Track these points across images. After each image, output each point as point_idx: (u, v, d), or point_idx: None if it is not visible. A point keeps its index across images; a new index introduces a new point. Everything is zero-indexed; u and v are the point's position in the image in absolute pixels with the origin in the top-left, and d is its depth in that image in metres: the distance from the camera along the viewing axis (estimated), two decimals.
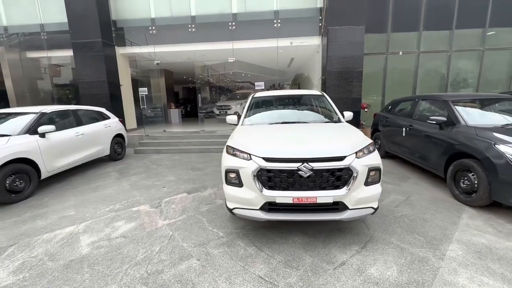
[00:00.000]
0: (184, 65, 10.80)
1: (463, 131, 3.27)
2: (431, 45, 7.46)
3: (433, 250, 2.24)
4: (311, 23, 7.65)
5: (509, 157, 2.59)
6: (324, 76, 7.58)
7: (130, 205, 3.47)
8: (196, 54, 8.54)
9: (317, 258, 2.17)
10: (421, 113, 4.32)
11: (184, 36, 7.88)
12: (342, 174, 2.18)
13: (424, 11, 7.28)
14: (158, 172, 5.14)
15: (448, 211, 2.99)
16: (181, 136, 7.74)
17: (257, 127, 3.12)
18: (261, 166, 2.21)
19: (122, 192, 3.99)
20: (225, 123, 4.87)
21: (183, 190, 3.99)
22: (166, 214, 3.15)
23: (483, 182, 2.86)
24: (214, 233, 2.65)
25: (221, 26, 7.72)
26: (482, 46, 7.38)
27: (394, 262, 2.10)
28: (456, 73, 7.61)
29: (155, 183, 4.43)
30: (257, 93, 4.10)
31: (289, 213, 2.28)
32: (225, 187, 2.49)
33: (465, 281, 1.86)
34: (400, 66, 7.67)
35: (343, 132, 2.71)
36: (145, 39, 7.99)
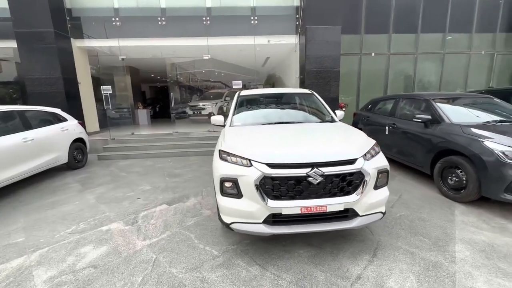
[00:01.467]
0: (152, 62, 9.98)
1: (448, 128, 3.35)
2: (400, 47, 7.87)
3: (442, 253, 2.17)
4: (288, 21, 7.55)
5: (498, 154, 2.67)
6: (302, 76, 7.53)
7: (98, 223, 2.91)
8: (166, 50, 7.90)
9: (329, 274, 1.95)
10: (403, 111, 4.41)
11: (153, 30, 7.21)
12: (353, 179, 1.99)
13: (393, 15, 7.64)
14: (130, 180, 4.53)
15: (441, 208, 3.02)
16: (153, 139, 7.06)
17: (250, 128, 2.81)
18: (265, 174, 1.92)
19: (87, 208, 3.37)
20: (199, 124, 4.46)
21: (162, 201, 3.51)
22: (145, 232, 2.68)
23: (472, 179, 2.92)
24: (207, 252, 2.29)
25: (195, 21, 7.23)
26: (443, 50, 7.99)
27: (410, 270, 1.97)
28: (422, 74, 8.14)
29: (127, 194, 3.86)
30: (243, 91, 3.79)
31: (296, 224, 2.03)
32: (220, 198, 2.15)
33: (484, 285, 1.79)
34: (372, 67, 7.96)
35: (345, 132, 2.54)
36: (108, 31, 7.13)
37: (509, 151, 2.63)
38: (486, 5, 7.75)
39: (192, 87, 13.99)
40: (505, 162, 2.62)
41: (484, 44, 8.04)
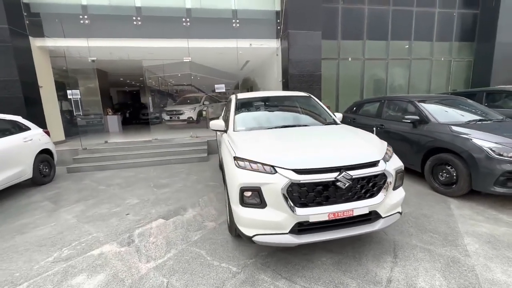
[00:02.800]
0: (125, 64, 9.31)
1: (436, 128, 3.58)
2: (373, 53, 8.38)
3: (455, 247, 2.26)
4: (269, 25, 7.59)
5: (487, 150, 2.89)
6: (284, 79, 7.60)
7: (86, 247, 2.52)
8: (142, 51, 7.40)
9: (360, 280, 1.90)
10: (390, 113, 4.64)
11: (127, 30, 6.70)
12: (377, 181, 1.98)
13: (366, 22, 8.12)
14: (112, 194, 4.07)
15: (438, 203, 3.18)
16: (130, 148, 6.52)
17: (259, 132, 2.68)
18: (292, 180, 1.81)
19: (68, 230, 2.92)
20: (177, 130, 4.16)
21: (157, 215, 3.19)
22: (146, 252, 2.38)
23: (463, 174, 3.13)
24: (225, 269, 2.09)
25: (174, 22, 6.89)
26: (410, 56, 8.70)
27: (433, 268, 2.00)
28: (393, 78, 8.76)
29: (112, 210, 3.45)
30: (240, 94, 3.65)
31: (322, 232, 1.94)
32: (239, 209, 1.98)
33: (503, 276, 1.88)
34: (349, 71, 8.35)
35: (359, 134, 2.54)
36: (75, 30, 6.46)
37: (496, 147, 2.87)
38: (443, 17, 8.64)
39: (167, 92, 13.36)
40: (493, 158, 2.85)
41: (443, 52, 8.94)
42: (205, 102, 11.22)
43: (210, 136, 7.23)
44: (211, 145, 6.75)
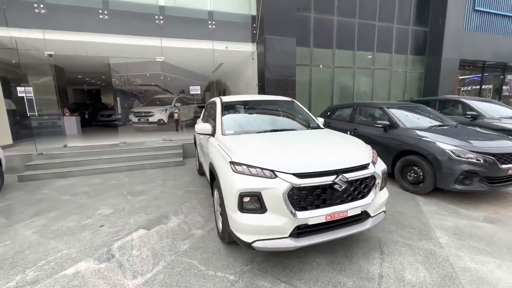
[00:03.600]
0: (85, 61, 8.50)
1: (404, 133, 3.94)
2: (342, 61, 8.94)
3: (430, 240, 2.50)
4: (245, 29, 7.62)
5: (449, 152, 3.28)
6: (260, 83, 7.69)
7: (57, 266, 2.22)
8: (109, 48, 6.83)
9: (355, 278, 1.99)
10: (362, 118, 4.98)
11: (92, 24, 6.14)
12: (368, 182, 2.10)
13: (336, 33, 8.64)
14: (79, 204, 3.66)
15: (408, 201, 3.50)
16: (95, 152, 5.94)
17: (250, 137, 2.65)
18: (294, 184, 1.83)
19: (29, 247, 2.54)
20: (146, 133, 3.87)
21: (136, 226, 2.96)
22: (131, 267, 2.18)
23: (429, 174, 3.50)
24: (222, 278, 2.02)
25: (146, 19, 6.51)
26: (373, 66, 9.48)
27: (416, 261, 2.19)
28: (359, 85, 9.44)
29: (82, 222, 3.10)
30: (225, 97, 3.58)
31: (319, 233, 2.00)
32: (238, 216, 1.94)
33: (471, 263, 2.14)
34: (321, 77, 8.77)
35: (347, 139, 2.67)
36: (28, 20, 5.70)
37: (456, 150, 3.27)
38: (400, 32, 9.61)
39: (131, 92, 12.48)
40: (454, 159, 3.24)
41: (400, 63, 9.92)
42: (176, 104, 10.78)
43: (185, 140, 6.96)
44: (186, 149, 6.49)
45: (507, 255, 2.26)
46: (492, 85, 13.42)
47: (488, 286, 1.88)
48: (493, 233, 2.63)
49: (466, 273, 2.01)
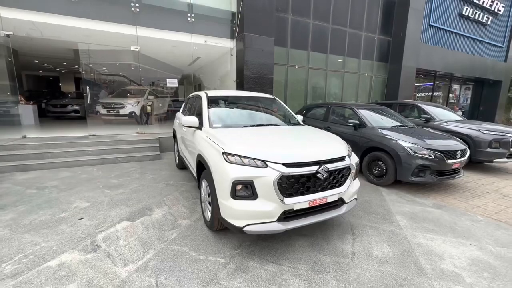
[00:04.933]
0: (46, 44, 7.75)
1: (371, 131, 4.41)
2: (316, 63, 9.43)
3: (391, 223, 2.91)
4: (224, 25, 7.64)
5: (407, 149, 3.78)
6: (239, 80, 7.79)
7: (37, 259, 2.14)
8: (77, 32, 6.34)
9: (332, 256, 2.27)
10: (334, 117, 5.40)
11: (59, 5, 5.66)
12: (345, 173, 2.40)
13: (311, 36, 9.08)
14: (50, 198, 3.45)
15: (373, 192, 3.95)
16: (61, 144, 5.52)
17: (239, 130, 2.80)
18: (283, 173, 2.04)
19: (1, 242, 2.38)
20: (117, 125, 3.70)
21: (119, 218, 2.92)
22: (120, 256, 2.20)
23: (391, 168, 3.99)
24: (213, 261, 2.15)
25: (120, 5, 6.18)
26: (343, 69, 10.16)
27: (381, 240, 2.55)
28: (330, 87, 10.05)
29: (58, 215, 2.96)
30: (210, 92, 3.65)
31: (303, 217, 2.23)
32: (230, 202, 2.09)
33: (423, 240, 2.57)
34: (296, 77, 9.16)
35: (324, 134, 2.95)
36: None
37: (413, 147, 3.79)
38: (367, 39, 10.43)
39: (94, 81, 11.61)
40: (411, 155, 3.75)
41: (366, 68, 10.78)
42: (150, 96, 10.36)
43: (160, 133, 6.80)
44: (163, 143, 6.36)
45: (450, 233, 2.75)
46: (442, 93, 15.25)
47: (436, 256, 2.29)
48: (440, 216, 3.14)
49: (420, 248, 2.43)
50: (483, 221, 3.04)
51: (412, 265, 2.16)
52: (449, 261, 2.24)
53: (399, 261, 2.22)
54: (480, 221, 3.04)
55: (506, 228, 2.87)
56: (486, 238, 2.66)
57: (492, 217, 3.16)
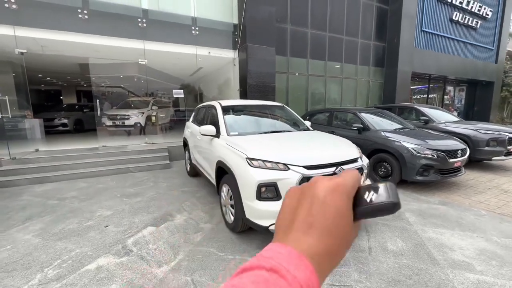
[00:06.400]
0: (55, 60, 7.98)
1: (375, 134, 4.63)
2: (315, 70, 9.75)
3: (402, 220, 3.09)
4: (227, 36, 7.94)
5: (411, 150, 3.99)
6: (242, 88, 8.04)
7: (75, 264, 2.28)
8: (87, 48, 6.57)
9: (351, 251, 2.43)
10: (338, 122, 5.63)
11: (70, 23, 5.90)
12: None
13: (310, 44, 9.42)
14: (73, 208, 3.59)
15: None
16: (73, 156, 5.67)
17: (257, 137, 2.99)
18: (304, 175, 2.22)
19: (36, 250, 2.52)
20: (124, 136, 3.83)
21: (144, 224, 3.07)
22: (153, 259, 2.34)
23: (396, 168, 4.19)
24: (241, 260, 2.31)
25: (128, 21, 6.45)
26: (341, 75, 10.49)
27: (394, 235, 2.72)
28: (329, 92, 10.35)
29: (84, 223, 3.10)
30: (223, 101, 3.86)
31: None
32: (256, 204, 2.26)
33: (433, 234, 2.74)
34: (297, 84, 9.45)
35: (336, 138, 3.16)
36: None
37: (416, 148, 4.00)
38: (363, 46, 10.81)
39: (106, 94, 11.84)
40: (415, 155, 3.96)
41: (364, 74, 11.12)
42: (154, 106, 10.57)
43: (169, 143, 6.98)
44: (172, 152, 6.53)
45: (457, 227, 2.93)
46: (436, 95, 15.66)
47: (447, 248, 2.47)
48: (446, 212, 3.33)
49: (431, 241, 2.60)
50: (487, 215, 3.22)
51: (425, 257, 2.33)
52: (459, 252, 2.41)
53: (413, 253, 2.39)
54: (484, 215, 3.22)
55: (509, 221, 3.06)
56: (491, 230, 2.84)
57: (495, 211, 3.35)
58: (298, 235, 0.28)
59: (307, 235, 0.28)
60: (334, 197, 0.30)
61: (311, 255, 0.27)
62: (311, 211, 0.29)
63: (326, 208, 0.29)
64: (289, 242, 0.28)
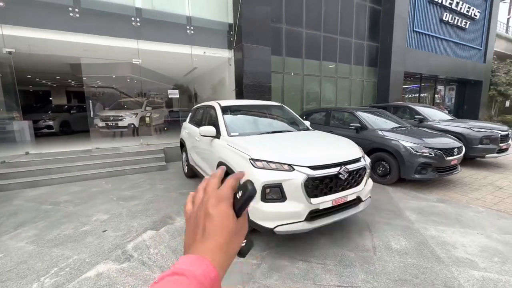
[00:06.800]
0: (44, 60, 7.74)
1: (373, 133, 4.66)
2: (310, 70, 9.78)
3: (403, 218, 3.10)
4: (222, 36, 7.87)
5: (409, 149, 4.03)
6: (238, 88, 7.99)
7: (74, 271, 2.19)
8: (77, 47, 6.39)
9: (356, 251, 2.43)
10: (335, 121, 5.64)
11: (60, 22, 5.72)
12: (361, 173, 2.58)
13: (304, 43, 9.44)
14: (67, 212, 3.47)
15: (380, 191, 4.16)
16: (66, 159, 5.51)
17: (258, 137, 2.95)
18: (309, 175, 2.20)
19: (31, 257, 2.41)
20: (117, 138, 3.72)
21: (143, 228, 2.98)
22: (155, 264, 2.28)
23: (394, 167, 4.23)
24: (246, 263, 2.26)
25: (121, 20, 6.30)
26: (336, 75, 10.56)
27: (397, 234, 2.73)
28: (324, 92, 10.40)
29: (80, 228, 2.99)
30: (222, 102, 3.80)
31: (326, 217, 2.39)
32: (260, 205, 2.22)
33: (435, 232, 2.77)
34: (292, 84, 9.45)
35: (337, 138, 3.15)
36: None
37: (414, 146, 4.04)
38: (357, 46, 10.91)
39: (97, 95, 11.56)
40: (413, 154, 4.00)
41: (358, 73, 11.23)
42: (147, 107, 10.39)
43: (164, 144, 6.86)
44: (168, 153, 6.42)
45: (457, 224, 2.96)
46: (427, 94, 15.96)
47: (449, 246, 2.49)
48: (445, 209, 3.37)
49: (433, 239, 2.62)
50: (485, 212, 3.28)
51: (429, 255, 2.34)
52: (462, 249, 2.44)
53: (417, 252, 2.40)
54: (482, 212, 3.28)
55: (506, 217, 3.12)
56: (490, 227, 2.88)
57: (492, 207, 3.41)
58: (197, 245, 0.37)
59: (203, 243, 0.37)
60: (218, 208, 0.39)
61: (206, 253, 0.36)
62: (205, 227, 0.38)
63: (214, 220, 0.38)
64: (192, 252, 0.37)
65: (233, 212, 0.39)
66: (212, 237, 0.37)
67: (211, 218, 0.38)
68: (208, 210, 0.39)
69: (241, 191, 0.40)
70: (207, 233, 0.37)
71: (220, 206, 0.39)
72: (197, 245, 0.37)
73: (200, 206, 0.41)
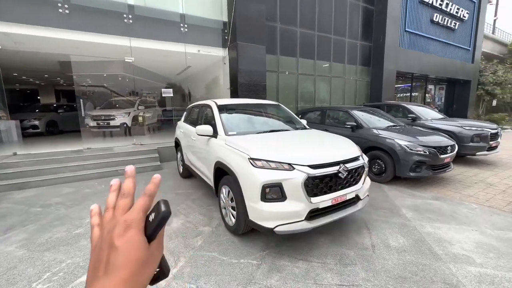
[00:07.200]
0: (31, 57, 7.49)
1: (368, 132, 4.69)
2: (304, 69, 9.80)
3: (400, 216, 3.14)
4: (216, 34, 7.79)
5: (404, 147, 4.08)
6: (233, 87, 7.93)
7: (68, 276, 2.12)
8: (66, 44, 6.20)
9: (355, 249, 2.43)
10: (331, 120, 5.67)
11: (49, 18, 5.54)
12: (360, 171, 2.59)
13: (299, 43, 9.45)
14: (59, 215, 3.35)
15: (376, 188, 4.19)
16: (56, 160, 5.34)
17: (256, 136, 2.92)
18: (309, 174, 2.18)
19: (21, 262, 2.32)
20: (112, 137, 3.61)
21: None
22: None
23: (390, 165, 4.27)
24: (246, 264, 2.23)
25: (113, 17, 6.15)
26: (330, 74, 10.62)
27: (394, 232, 2.76)
28: (319, 91, 10.44)
29: (73, 231, 2.90)
30: (219, 100, 3.75)
31: (325, 216, 2.38)
32: (260, 205, 2.20)
33: (431, 229, 2.80)
34: (287, 83, 9.45)
35: (335, 136, 3.15)
36: None
37: (409, 144, 4.09)
38: (350, 45, 11.01)
39: (87, 93, 11.27)
40: (408, 152, 4.05)
41: (351, 73, 11.33)
42: (140, 106, 10.20)
43: (158, 144, 6.75)
44: (162, 153, 6.31)
45: (452, 221, 3.01)
46: (418, 93, 16.26)
47: (446, 242, 2.53)
48: (440, 207, 3.42)
49: (430, 236, 2.65)
50: (478, 209, 3.35)
51: (427, 252, 2.37)
52: (458, 245, 2.48)
53: (415, 249, 2.42)
54: (475, 209, 3.35)
55: (498, 214, 3.19)
56: (484, 223, 2.94)
57: (485, 204, 3.49)
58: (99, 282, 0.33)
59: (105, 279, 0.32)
60: (125, 238, 0.34)
61: None
62: (108, 260, 0.33)
63: (119, 251, 0.34)
64: None
65: (144, 238, 0.35)
66: (116, 271, 0.33)
67: (115, 250, 0.34)
68: (113, 241, 0.34)
69: (153, 213, 0.37)
70: (111, 267, 0.33)
71: (127, 235, 0.35)
72: (99, 282, 0.33)
73: (105, 237, 0.36)
